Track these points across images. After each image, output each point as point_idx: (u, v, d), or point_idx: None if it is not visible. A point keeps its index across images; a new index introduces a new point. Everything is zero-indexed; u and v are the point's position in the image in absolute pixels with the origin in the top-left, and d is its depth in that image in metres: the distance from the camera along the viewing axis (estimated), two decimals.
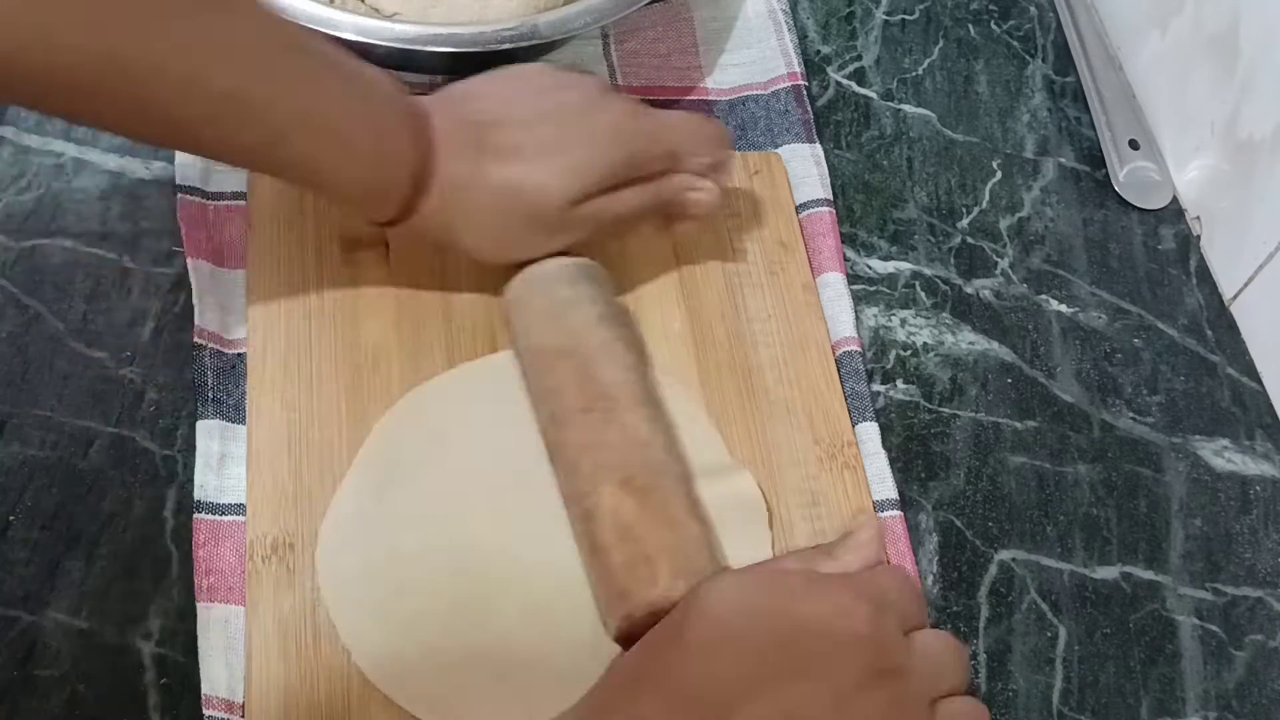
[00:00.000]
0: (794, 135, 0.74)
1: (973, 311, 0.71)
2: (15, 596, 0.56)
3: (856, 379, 0.65)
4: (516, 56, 0.74)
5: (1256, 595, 0.63)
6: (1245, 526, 0.65)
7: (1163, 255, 0.74)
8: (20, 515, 0.58)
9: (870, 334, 0.69)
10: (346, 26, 0.66)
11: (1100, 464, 0.66)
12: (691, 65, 0.78)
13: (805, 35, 0.81)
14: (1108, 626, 0.61)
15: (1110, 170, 0.77)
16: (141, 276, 0.65)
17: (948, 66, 0.81)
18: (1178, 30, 0.77)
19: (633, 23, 0.78)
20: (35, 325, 0.63)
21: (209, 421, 0.60)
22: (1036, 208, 0.75)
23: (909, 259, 0.72)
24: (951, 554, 0.62)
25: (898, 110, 0.79)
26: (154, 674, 0.54)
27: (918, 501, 0.63)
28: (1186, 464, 0.67)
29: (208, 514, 0.58)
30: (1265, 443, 0.68)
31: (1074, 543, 0.63)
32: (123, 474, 0.59)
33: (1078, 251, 0.74)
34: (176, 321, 0.64)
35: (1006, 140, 0.78)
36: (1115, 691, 0.59)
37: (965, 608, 0.61)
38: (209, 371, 0.62)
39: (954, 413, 0.67)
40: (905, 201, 0.75)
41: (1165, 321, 0.72)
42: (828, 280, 0.69)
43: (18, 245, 0.65)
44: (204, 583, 0.56)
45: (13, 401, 0.61)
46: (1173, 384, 0.69)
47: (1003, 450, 0.66)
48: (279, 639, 0.55)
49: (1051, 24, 0.84)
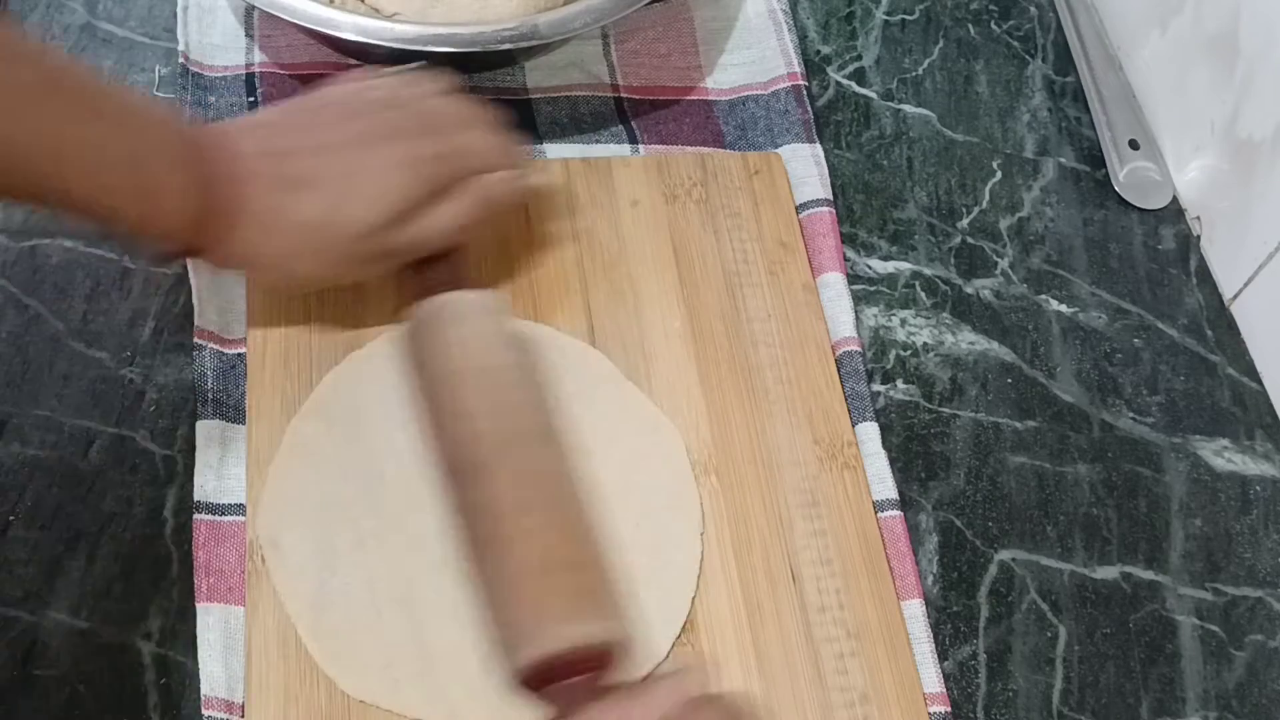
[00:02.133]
0: (794, 135, 0.74)
1: (973, 311, 0.71)
2: (15, 596, 0.56)
3: (856, 379, 0.65)
4: (516, 56, 0.74)
5: (1256, 595, 0.63)
6: (1245, 526, 0.65)
7: (1163, 255, 0.74)
8: (20, 515, 0.58)
9: (870, 334, 0.69)
10: (346, 26, 0.66)
11: (1100, 464, 0.66)
12: (691, 65, 0.77)
13: (805, 35, 0.81)
14: (1108, 626, 0.61)
15: (1110, 170, 0.77)
16: (141, 276, 0.65)
17: (948, 66, 0.81)
18: (1178, 30, 0.77)
19: (633, 23, 0.78)
20: (35, 325, 0.63)
21: (209, 421, 0.60)
22: (1036, 208, 0.75)
23: (909, 259, 0.72)
24: (951, 554, 0.62)
25: (898, 110, 0.79)
26: (154, 674, 0.55)
27: (918, 501, 0.63)
28: (1186, 464, 0.67)
29: (208, 514, 0.58)
30: (1265, 443, 0.68)
31: (1074, 543, 0.63)
32: (123, 474, 0.59)
33: (1078, 251, 0.74)
34: (176, 321, 0.64)
35: (1006, 140, 0.78)
36: (1115, 691, 0.59)
37: (965, 608, 0.61)
38: (209, 371, 0.62)
39: (954, 413, 0.67)
40: (905, 201, 0.75)
41: (1165, 321, 0.72)
42: (828, 280, 0.69)
43: (18, 245, 0.65)
44: (204, 583, 0.56)
45: (13, 401, 0.61)
46: (1173, 384, 0.69)
47: (1003, 450, 0.66)
48: (279, 639, 0.55)
49: (1051, 24, 0.84)
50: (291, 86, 0.72)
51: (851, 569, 0.60)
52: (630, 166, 0.71)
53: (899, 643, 0.58)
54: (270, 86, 0.72)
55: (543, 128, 0.73)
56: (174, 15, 0.75)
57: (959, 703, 0.58)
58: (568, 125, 0.74)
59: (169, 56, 0.73)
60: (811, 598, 0.59)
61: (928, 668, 0.58)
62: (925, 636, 0.59)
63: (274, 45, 0.74)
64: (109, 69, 0.73)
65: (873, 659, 0.58)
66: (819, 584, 0.59)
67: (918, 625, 0.59)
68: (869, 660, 0.57)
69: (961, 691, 0.58)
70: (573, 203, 0.69)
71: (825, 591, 0.59)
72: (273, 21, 0.73)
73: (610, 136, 0.74)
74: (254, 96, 0.72)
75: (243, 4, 0.75)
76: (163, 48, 0.74)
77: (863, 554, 0.60)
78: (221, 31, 0.74)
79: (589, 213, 0.69)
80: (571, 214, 0.69)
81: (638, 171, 0.71)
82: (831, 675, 0.57)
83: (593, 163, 0.71)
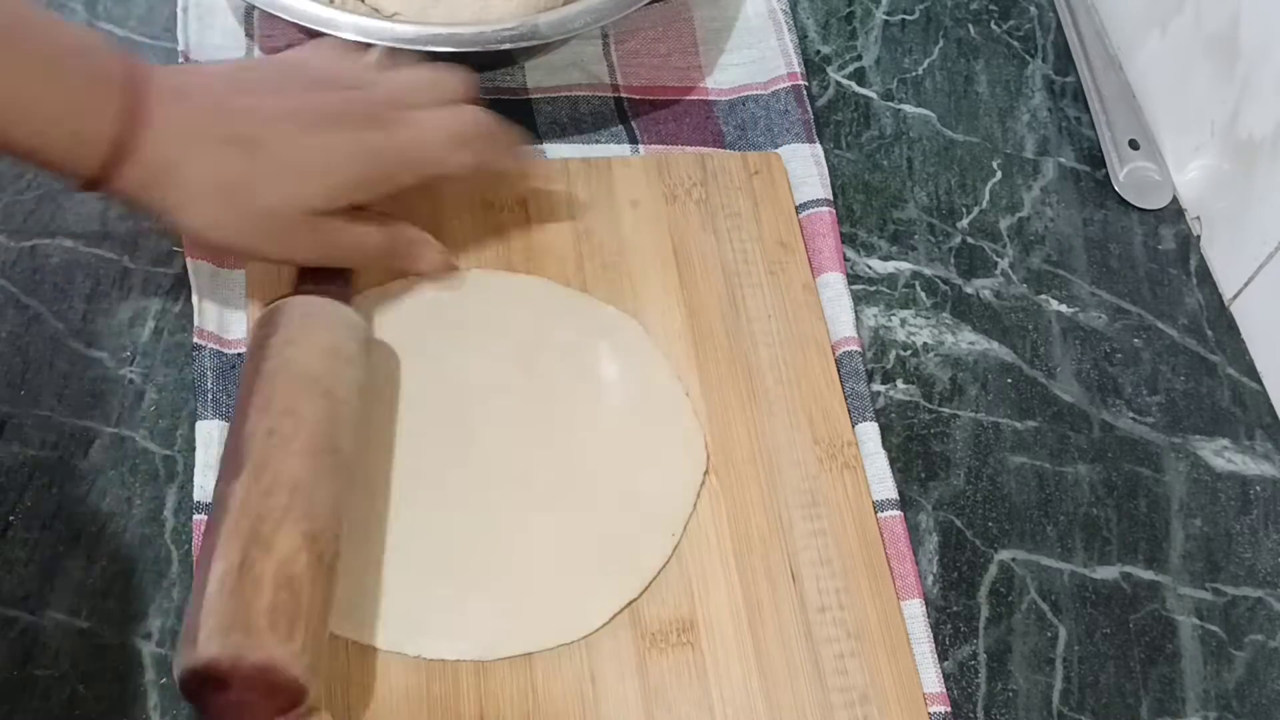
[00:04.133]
0: (794, 135, 0.74)
1: (973, 311, 0.71)
2: (15, 596, 0.56)
3: (856, 379, 0.66)
4: (516, 56, 0.74)
5: (1256, 595, 0.63)
6: (1245, 526, 0.65)
7: (1163, 255, 0.74)
8: (20, 515, 0.58)
9: (870, 334, 0.69)
10: (346, 26, 0.66)
11: (1100, 464, 0.66)
12: (691, 65, 0.77)
13: (805, 35, 0.81)
14: (1108, 626, 0.61)
15: (1110, 170, 0.77)
16: (141, 276, 0.65)
17: (948, 66, 0.81)
18: (1178, 30, 0.77)
19: (633, 23, 0.78)
20: (35, 325, 0.63)
21: (209, 422, 0.60)
22: (1036, 208, 0.75)
23: (909, 259, 0.72)
24: (951, 554, 0.62)
25: (898, 110, 0.79)
26: (154, 674, 0.54)
27: (918, 501, 0.63)
28: (1186, 464, 0.67)
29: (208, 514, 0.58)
30: (1265, 443, 0.68)
31: (1074, 543, 0.63)
32: (123, 474, 0.59)
33: (1078, 251, 0.74)
34: (176, 321, 0.64)
35: (1006, 140, 0.78)
36: (1115, 691, 0.59)
37: (965, 608, 0.61)
38: (209, 371, 0.62)
39: (954, 413, 0.67)
40: (905, 201, 0.75)
41: (1165, 321, 0.72)
42: (828, 280, 0.69)
43: (18, 245, 0.65)
44: None
45: (13, 401, 0.61)
46: (1173, 384, 0.69)
47: (1003, 450, 0.66)
48: None
49: (1051, 24, 0.84)
50: None
51: (851, 569, 0.60)
52: (630, 166, 0.71)
53: (899, 643, 0.58)
54: None
55: (543, 128, 0.73)
56: (174, 15, 0.75)
57: (959, 703, 0.58)
58: (568, 125, 0.74)
59: (169, 56, 0.73)
60: (811, 598, 0.59)
61: (928, 668, 0.58)
62: (925, 636, 0.59)
63: (274, 45, 0.74)
64: None
65: (873, 659, 0.58)
66: (819, 584, 0.59)
67: (918, 625, 0.59)
68: (869, 660, 0.57)
69: (961, 691, 0.58)
70: (573, 203, 0.69)
71: (825, 591, 0.59)
72: (273, 21, 0.73)
73: (610, 136, 0.74)
74: None
75: (243, 4, 0.75)
76: (163, 48, 0.74)
77: (863, 554, 0.60)
78: (221, 31, 0.74)
79: (589, 213, 0.69)
80: (571, 214, 0.69)
81: (638, 171, 0.71)
82: (831, 675, 0.57)
83: (593, 163, 0.71)
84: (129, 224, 0.67)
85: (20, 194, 0.67)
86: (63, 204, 0.67)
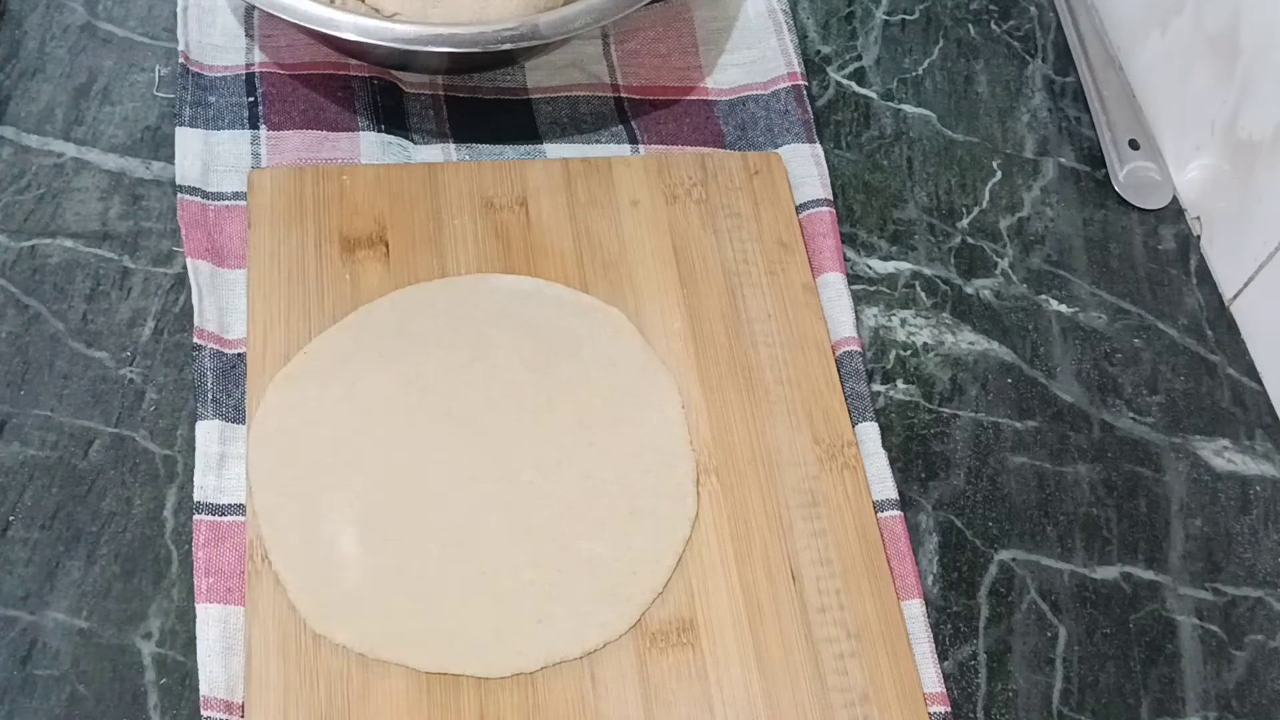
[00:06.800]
0: (794, 135, 0.74)
1: (973, 311, 0.71)
2: (15, 596, 0.56)
3: (856, 379, 0.66)
4: (516, 56, 0.74)
5: (1256, 595, 0.63)
6: (1245, 526, 0.65)
7: (1163, 255, 0.74)
8: (20, 515, 0.58)
9: (870, 334, 0.69)
10: (346, 26, 0.66)
11: (1100, 464, 0.66)
12: (691, 65, 0.78)
13: (805, 35, 0.81)
14: (1108, 626, 0.61)
15: (1110, 170, 0.77)
16: (141, 276, 0.65)
17: (948, 66, 0.81)
18: (1178, 30, 0.77)
19: (633, 23, 0.78)
20: (35, 325, 0.63)
21: (209, 422, 0.60)
22: (1036, 208, 0.75)
23: (909, 259, 0.72)
24: (951, 554, 0.62)
25: (898, 110, 0.79)
26: (154, 674, 0.55)
27: (918, 501, 0.63)
28: (1186, 464, 0.67)
29: (208, 514, 0.58)
30: (1265, 443, 0.68)
31: (1074, 543, 0.63)
32: (123, 474, 0.59)
33: (1078, 251, 0.74)
34: (176, 321, 0.64)
35: (1006, 140, 0.78)
36: (1115, 691, 0.59)
37: (965, 608, 0.61)
38: (209, 371, 0.62)
39: (954, 413, 0.67)
40: (905, 201, 0.75)
41: (1165, 321, 0.72)
42: (828, 280, 0.69)
43: (18, 245, 0.65)
44: (204, 583, 0.56)
45: (13, 401, 0.61)
46: (1173, 384, 0.69)
47: (1003, 450, 0.66)
48: (279, 639, 0.55)
49: (1051, 24, 0.84)
50: (291, 86, 0.72)
51: (851, 569, 0.60)
52: (630, 166, 0.71)
53: (899, 643, 0.58)
54: (270, 86, 0.72)
55: (543, 128, 0.73)
56: (174, 15, 0.75)
57: (959, 703, 0.58)
58: (568, 125, 0.74)
59: (169, 56, 0.73)
60: (811, 598, 0.59)
61: (928, 668, 0.58)
62: (925, 636, 0.59)
63: (274, 45, 0.74)
64: (109, 69, 0.73)
65: (873, 659, 0.58)
66: (819, 584, 0.59)
67: (918, 625, 0.59)
68: (869, 660, 0.57)
69: (961, 691, 0.58)
70: (573, 203, 0.69)
71: (825, 591, 0.59)
72: (273, 21, 0.73)
73: (610, 136, 0.74)
74: (254, 96, 0.72)
75: (243, 4, 0.75)
76: (163, 48, 0.74)
77: (863, 554, 0.60)
78: (221, 31, 0.74)
79: (589, 213, 0.69)
80: (571, 214, 0.69)
81: (638, 171, 0.71)
82: (831, 675, 0.57)
83: (593, 163, 0.71)
84: (129, 224, 0.67)
85: (20, 194, 0.67)
86: (63, 204, 0.67)
